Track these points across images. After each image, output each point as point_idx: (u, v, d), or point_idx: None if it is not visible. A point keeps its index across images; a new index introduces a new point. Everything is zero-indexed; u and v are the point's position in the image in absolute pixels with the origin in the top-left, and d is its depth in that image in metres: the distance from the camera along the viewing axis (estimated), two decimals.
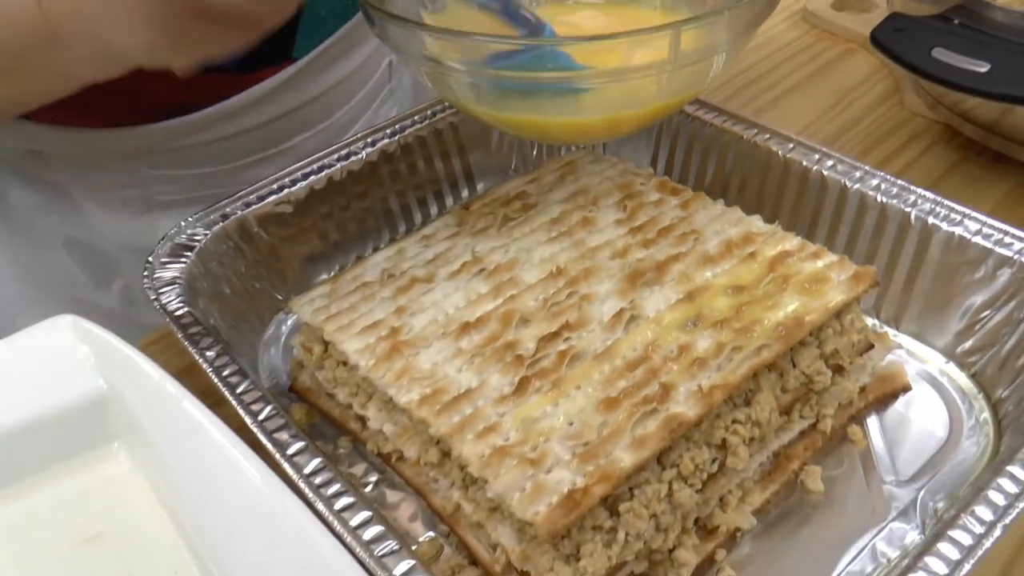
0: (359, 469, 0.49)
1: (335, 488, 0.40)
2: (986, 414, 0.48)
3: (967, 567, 0.34)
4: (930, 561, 0.34)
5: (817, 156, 0.55)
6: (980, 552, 0.34)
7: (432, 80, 0.49)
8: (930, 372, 0.51)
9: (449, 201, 0.65)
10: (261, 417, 0.43)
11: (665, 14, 0.56)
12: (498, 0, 0.49)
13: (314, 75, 0.69)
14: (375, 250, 0.59)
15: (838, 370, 0.46)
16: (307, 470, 0.40)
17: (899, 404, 0.49)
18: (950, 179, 0.64)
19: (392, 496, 0.47)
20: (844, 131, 0.69)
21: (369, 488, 0.48)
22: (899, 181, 0.52)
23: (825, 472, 0.46)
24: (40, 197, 0.71)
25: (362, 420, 0.48)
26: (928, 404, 0.49)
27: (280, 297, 0.58)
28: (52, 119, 0.64)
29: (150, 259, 0.53)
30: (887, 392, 0.49)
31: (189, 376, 0.46)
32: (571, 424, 0.40)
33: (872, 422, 0.48)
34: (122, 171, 0.68)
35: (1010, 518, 0.35)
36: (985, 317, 0.49)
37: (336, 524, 0.38)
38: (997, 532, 0.34)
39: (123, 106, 0.64)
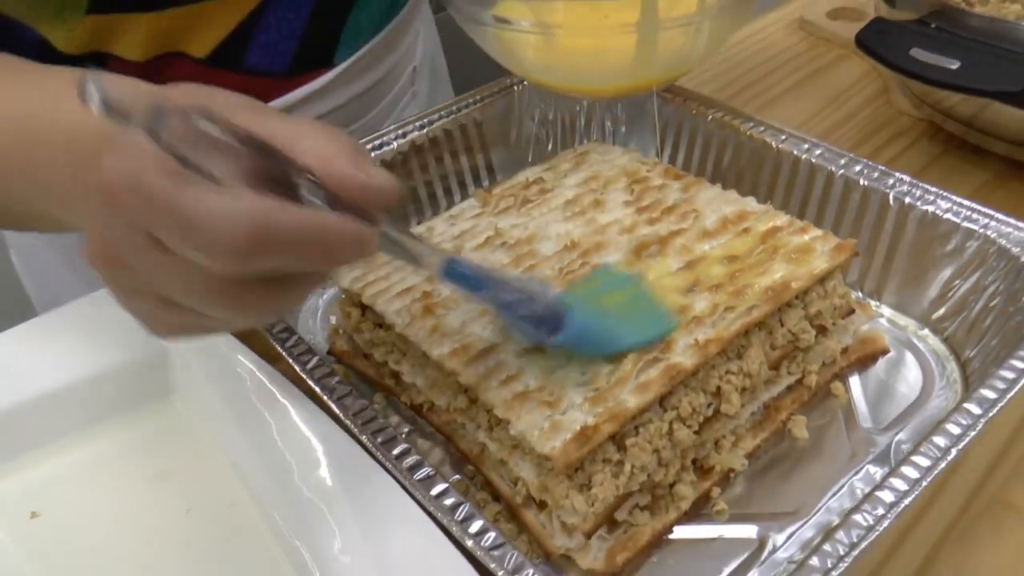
0: (392, 422, 0.54)
1: (377, 424, 0.45)
2: (956, 374, 0.53)
3: (925, 483, 0.39)
4: (894, 481, 0.40)
5: (807, 146, 0.60)
6: (936, 472, 0.39)
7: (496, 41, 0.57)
8: (908, 337, 0.56)
9: (471, 190, 0.71)
10: (310, 366, 0.49)
11: None
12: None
13: (350, 80, 0.75)
14: None
15: (822, 330, 0.52)
16: (353, 411, 0.46)
17: (878, 366, 0.55)
18: (932, 170, 0.69)
19: (423, 444, 0.53)
20: (836, 128, 0.75)
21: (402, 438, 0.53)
22: (880, 167, 0.57)
23: (810, 422, 0.51)
24: None
25: (396, 376, 0.54)
26: (905, 365, 0.54)
27: None
28: None
29: None
30: (867, 354, 0.55)
31: (242, 341, 0.52)
32: (583, 374, 0.46)
33: (853, 380, 0.54)
34: None
35: (964, 443, 0.40)
36: (956, 286, 0.54)
37: (379, 454, 0.44)
38: (952, 455, 0.40)
39: None
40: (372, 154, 0.65)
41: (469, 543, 0.39)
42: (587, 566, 0.44)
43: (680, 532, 0.47)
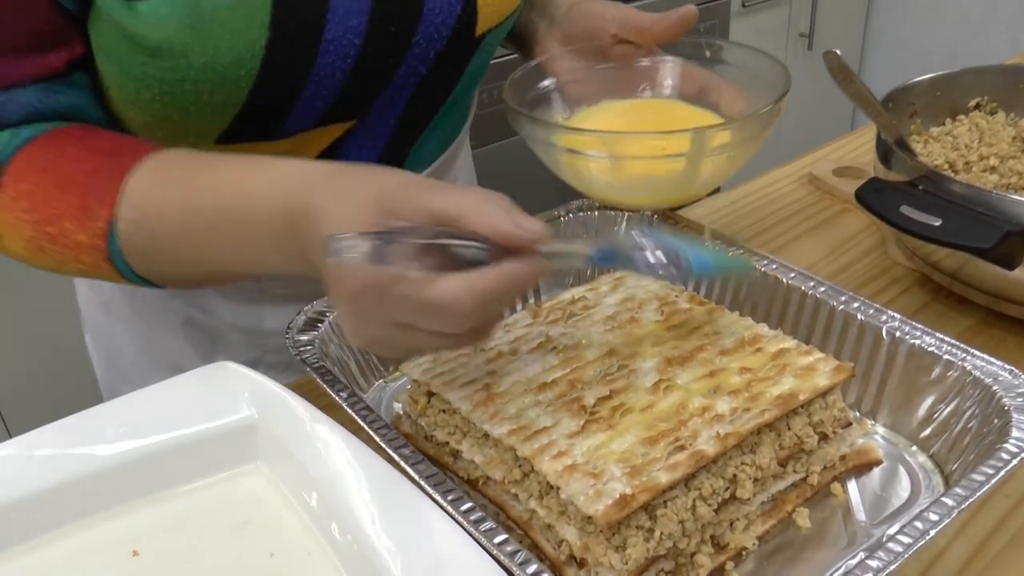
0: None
1: (446, 486, 0.54)
2: (940, 486, 0.61)
3: (907, 555, 0.47)
4: (881, 553, 0.48)
5: (812, 283, 0.71)
6: (916, 547, 0.47)
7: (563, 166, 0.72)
8: (900, 452, 0.64)
9: (518, 308, 0.81)
10: (388, 437, 0.57)
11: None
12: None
13: None
14: None
15: (823, 437, 0.60)
16: (426, 473, 0.55)
17: (873, 475, 0.63)
18: (923, 314, 0.79)
19: None
20: (839, 272, 0.86)
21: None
22: (875, 304, 0.67)
23: (813, 514, 0.59)
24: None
25: (455, 454, 0.62)
26: (897, 476, 0.63)
27: (381, 369, 0.74)
28: None
29: (290, 326, 0.69)
30: (862, 463, 0.63)
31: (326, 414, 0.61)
32: (622, 453, 0.54)
33: (851, 484, 0.62)
34: None
35: (933, 532, 0.48)
36: (939, 410, 0.63)
37: (450, 508, 0.52)
38: (930, 535, 0.48)
39: None
40: None
41: None
42: None
43: None
